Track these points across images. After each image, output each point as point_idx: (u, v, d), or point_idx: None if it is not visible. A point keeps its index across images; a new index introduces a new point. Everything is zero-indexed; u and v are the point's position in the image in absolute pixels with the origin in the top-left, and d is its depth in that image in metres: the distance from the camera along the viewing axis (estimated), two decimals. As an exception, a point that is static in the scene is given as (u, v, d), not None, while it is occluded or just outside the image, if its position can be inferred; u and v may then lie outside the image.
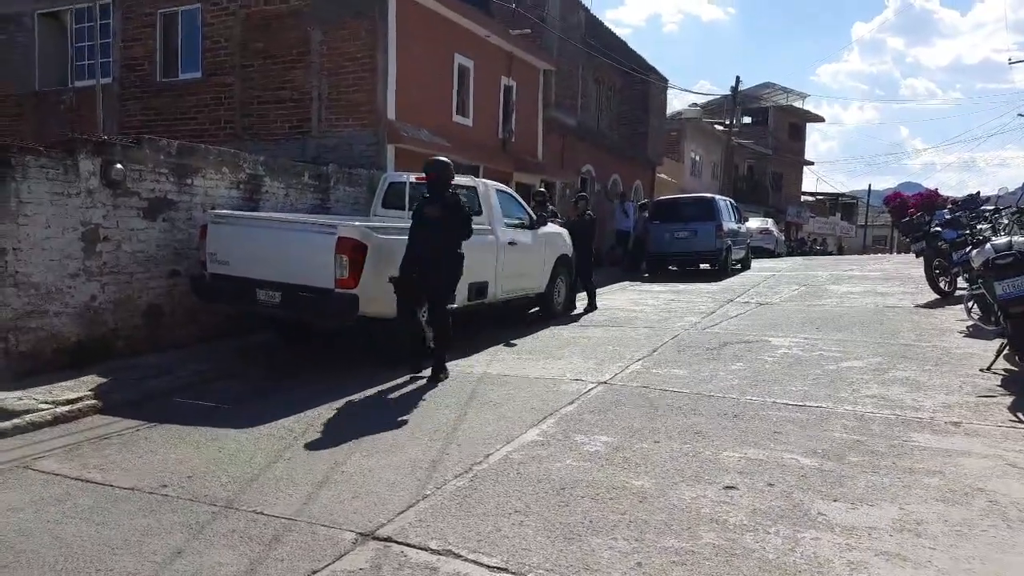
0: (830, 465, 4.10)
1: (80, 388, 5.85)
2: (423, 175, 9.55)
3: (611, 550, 3.11)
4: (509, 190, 9.84)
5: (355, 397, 5.82)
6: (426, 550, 3.14)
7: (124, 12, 12.76)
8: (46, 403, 5.44)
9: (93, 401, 5.62)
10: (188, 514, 3.61)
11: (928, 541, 3.15)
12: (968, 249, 6.86)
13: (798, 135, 46.07)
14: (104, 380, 6.08)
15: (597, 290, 11.15)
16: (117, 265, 6.90)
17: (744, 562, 2.99)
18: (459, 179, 9.25)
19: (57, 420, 5.26)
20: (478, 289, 8.18)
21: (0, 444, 4.77)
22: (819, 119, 48.52)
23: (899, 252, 34.53)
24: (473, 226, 8.37)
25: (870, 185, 58.39)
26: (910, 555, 3.03)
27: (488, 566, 2.99)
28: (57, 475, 4.21)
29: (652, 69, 23.90)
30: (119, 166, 6.79)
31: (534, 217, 9.59)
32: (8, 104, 13.80)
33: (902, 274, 14.75)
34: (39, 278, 6.25)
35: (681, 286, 13.93)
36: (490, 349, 7.74)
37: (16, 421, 5.08)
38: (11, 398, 5.51)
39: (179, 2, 12.38)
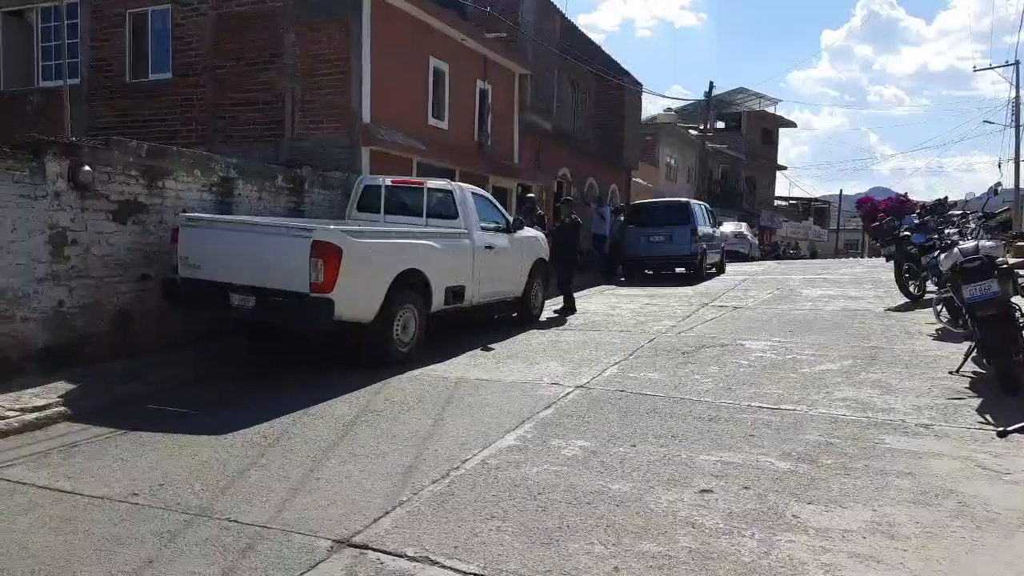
0: (804, 468, 4.14)
1: (48, 395, 5.72)
2: (400, 179, 9.57)
3: (588, 555, 3.11)
4: (485, 194, 9.84)
5: (330, 402, 5.76)
6: (403, 557, 3.11)
7: (92, 11, 12.53)
8: (13, 411, 5.31)
9: (62, 408, 5.50)
10: (160, 523, 3.54)
11: (900, 543, 3.19)
12: (937, 253, 6.99)
13: (770, 140, 46.73)
14: (73, 387, 5.95)
15: (575, 294, 11.17)
16: (86, 269, 6.76)
17: (720, 565, 3.01)
18: (435, 182, 9.29)
19: (25, 428, 5.13)
20: (455, 293, 8.16)
21: (-37, 453, 4.64)
22: (791, 124, 49.31)
23: (870, 256, 35.11)
24: (449, 229, 8.42)
25: (841, 190, 59.36)
26: (883, 557, 3.07)
27: (465, 572, 2.97)
28: (24, 484, 4.11)
29: (626, 74, 24.07)
30: (87, 168, 6.66)
31: (511, 221, 9.60)
32: (-28, 104, 13.47)
33: (873, 278, 15.00)
34: (4, 283, 6.10)
35: (657, 290, 14.02)
36: (467, 353, 7.71)
37: (-20, 429, 4.95)
38: (-25, 405, 5.37)
39: (149, 2, 12.19)
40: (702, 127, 32.49)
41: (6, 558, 3.19)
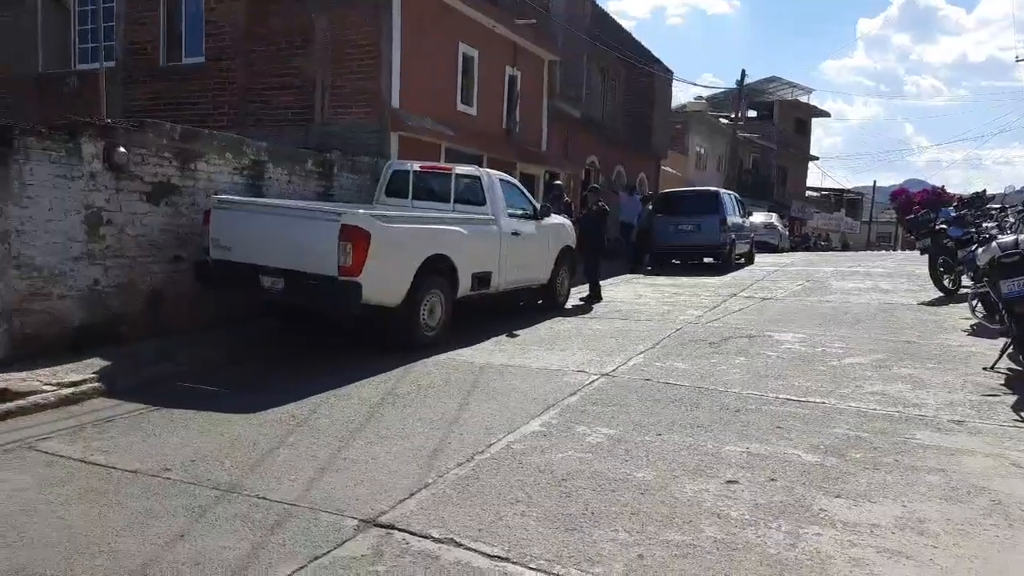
0: (832, 461, 4.10)
1: (83, 371, 5.86)
2: (428, 164, 9.59)
3: (612, 542, 3.12)
4: (513, 180, 9.82)
5: (357, 384, 5.82)
6: (428, 538, 3.14)
7: (128, -5, 12.69)
8: (50, 385, 5.45)
9: (96, 384, 5.63)
10: (191, 497, 3.61)
11: (930, 539, 3.15)
12: (974, 247, 6.83)
13: (803, 130, 45.93)
14: (107, 363, 6.08)
15: (601, 282, 11.12)
16: (120, 249, 6.88)
17: (745, 556, 2.99)
18: (463, 168, 9.29)
19: (61, 402, 5.26)
20: (481, 279, 8.17)
21: (4, 425, 4.77)
22: (825, 114, 48.36)
23: (903, 249, 34.45)
24: (476, 215, 8.42)
25: (875, 181, 58.39)
26: (912, 553, 3.03)
27: (489, 555, 3.00)
28: (61, 456, 4.22)
29: (657, 61, 23.79)
30: (122, 150, 6.77)
31: (538, 208, 9.57)
32: (11, 86, 13.74)
33: (906, 271, 14.72)
34: (42, 261, 6.24)
35: (684, 279, 13.91)
36: (493, 339, 7.73)
37: (20, 402, 5.09)
38: (15, 379, 5.51)
39: (184, -14, 12.32)
40: (733, 116, 32.05)
41: (45, 528, 3.28)
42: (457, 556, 2.99)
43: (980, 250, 6.31)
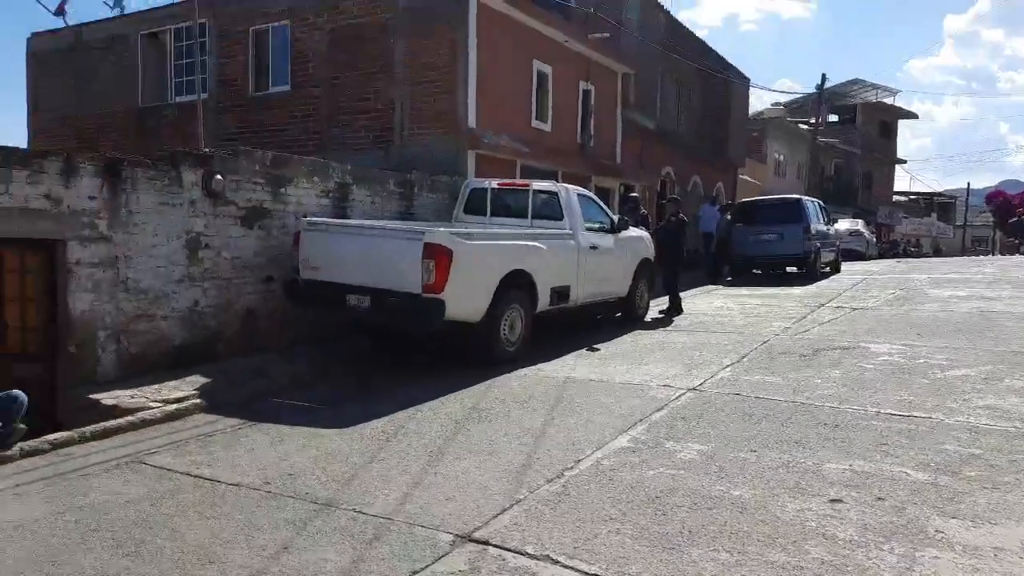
0: (944, 480, 3.87)
1: (185, 388, 6.15)
2: (506, 181, 9.68)
3: (713, 562, 3.03)
4: (590, 194, 9.79)
5: (442, 399, 5.89)
6: (523, 554, 3.13)
7: (218, 30, 13.40)
8: (156, 402, 5.75)
9: (197, 400, 5.90)
10: (291, 511, 3.72)
11: (1063, 564, 2.92)
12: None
13: (888, 133, 44.02)
14: (207, 380, 6.37)
15: (680, 294, 10.92)
16: (217, 271, 7.22)
17: (857, 579, 2.85)
18: (540, 184, 9.32)
19: (166, 418, 5.54)
20: (560, 293, 8.16)
21: (116, 440, 5.06)
22: (912, 115, 46.22)
23: (1002, 253, 32.47)
24: (554, 230, 8.43)
25: (969, 183, 55.15)
26: (1043, 579, 2.82)
27: (587, 573, 2.96)
28: (168, 470, 4.43)
29: (733, 68, 23.34)
30: (219, 177, 7.12)
31: (615, 221, 9.50)
32: (116, 120, 14.70)
33: (1009, 277, 13.86)
34: (147, 284, 6.61)
35: (767, 290, 13.50)
36: (573, 354, 7.69)
37: (130, 418, 5.39)
38: (124, 396, 5.85)
39: (269, 19, 12.91)
40: (813, 121, 31.04)
41: (159, 538, 3.44)
42: (553, 573, 2.97)
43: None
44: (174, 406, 5.71)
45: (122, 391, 5.96)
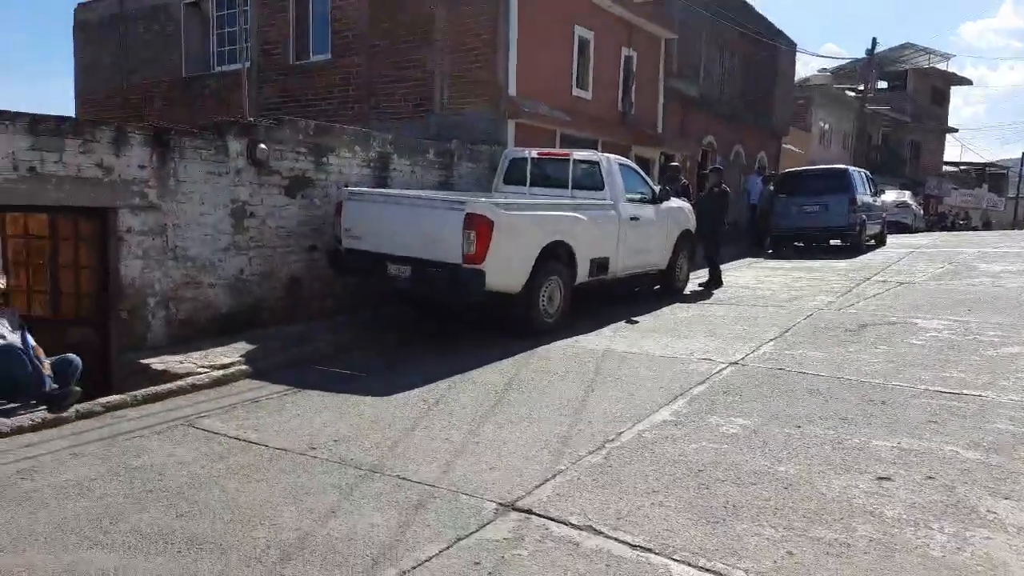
0: (996, 460, 3.78)
1: (232, 354, 6.29)
2: (546, 151, 9.60)
3: (758, 536, 3.02)
4: (632, 164, 9.65)
5: (482, 369, 5.93)
6: (567, 524, 3.16)
7: (259, -1, 13.43)
8: (203, 367, 5.90)
9: (244, 367, 6.03)
10: (337, 476, 3.81)
11: (1123, 549, 2.84)
12: None
13: (940, 100, 42.41)
14: (252, 347, 6.51)
15: (721, 267, 10.76)
16: (262, 240, 7.33)
17: (906, 558, 2.82)
18: (581, 153, 9.22)
19: (213, 383, 5.68)
20: (599, 265, 8.11)
21: (166, 403, 5.21)
22: (966, 82, 44.45)
23: (1058, 227, 31.26)
24: (595, 201, 8.35)
25: (1023, 154, 53.00)
26: (1102, 563, 2.75)
27: (631, 544, 2.98)
28: (217, 434, 4.56)
29: (780, 34, 22.63)
30: (263, 146, 7.18)
31: (656, 191, 9.36)
32: (160, 89, 14.91)
33: (1066, 252, 13.36)
34: (195, 252, 6.74)
35: (810, 263, 13.24)
36: (611, 326, 7.66)
37: (180, 383, 5.54)
38: (173, 361, 6.01)
39: (310, -14, 12.89)
40: (862, 87, 30.02)
41: (210, 499, 3.55)
42: (598, 544, 2.99)
43: None
44: (221, 371, 5.85)
45: (171, 356, 6.13)
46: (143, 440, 4.43)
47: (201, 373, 5.81)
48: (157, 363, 5.98)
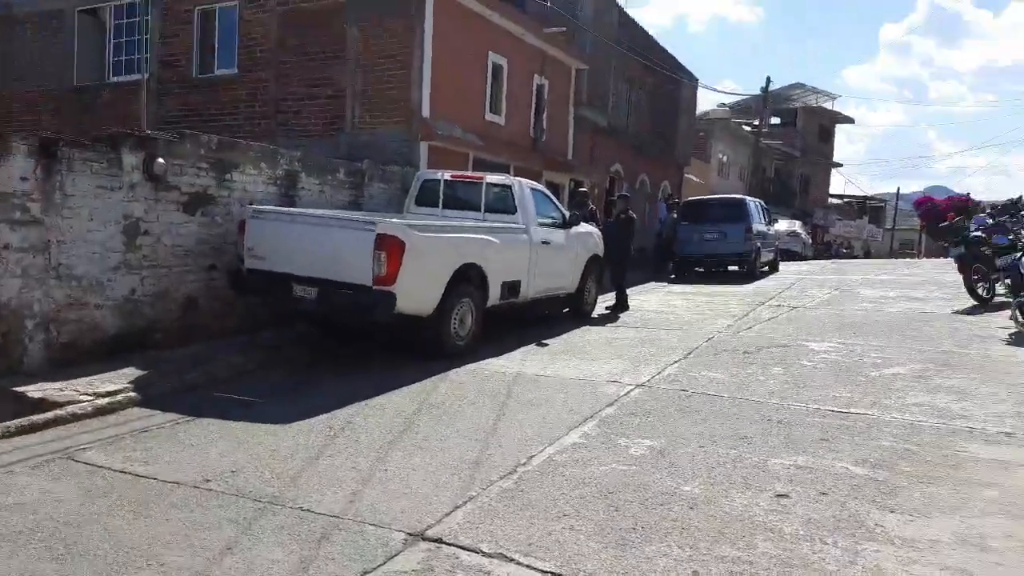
0: (882, 475, 4.00)
1: (119, 380, 5.89)
2: (459, 173, 9.60)
3: (666, 557, 3.06)
4: (543, 189, 9.80)
5: (390, 394, 5.80)
6: (478, 552, 3.10)
7: (162, 9, 12.89)
8: (87, 395, 5.48)
9: (132, 394, 5.65)
10: (235, 510, 3.60)
11: (994, 556, 3.05)
12: (1019, 255, 6.68)
13: (827, 137, 45.48)
14: (143, 372, 6.12)
15: (627, 290, 11.03)
16: (156, 259, 6.94)
17: (804, 573, 2.92)
18: (494, 177, 9.28)
19: (97, 412, 5.28)
20: (511, 287, 8.14)
21: (43, 435, 4.80)
22: (849, 120, 47.85)
23: (928, 256, 33.96)
24: (507, 224, 8.40)
25: (899, 188, 57.43)
26: (976, 571, 2.94)
27: (542, 571, 2.95)
28: (101, 467, 4.23)
29: (683, 68, 23.70)
30: (161, 161, 6.84)
31: (567, 216, 9.53)
32: (47, 99, 13.99)
33: (936, 279, 14.48)
34: (81, 270, 6.31)
35: (710, 288, 13.79)
36: (522, 348, 7.69)
37: (59, 412, 5.12)
38: (52, 389, 5.56)
39: (216, -1, 12.48)
40: (757, 123, 31.81)
41: (91, 540, 3.28)
42: (509, 571, 2.95)
43: (1025, 259, 6.17)
44: (106, 399, 5.46)
45: (50, 383, 5.67)
46: (15, 476, 4.06)
47: (84, 401, 5.39)
48: (34, 391, 5.51)
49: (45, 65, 14.01)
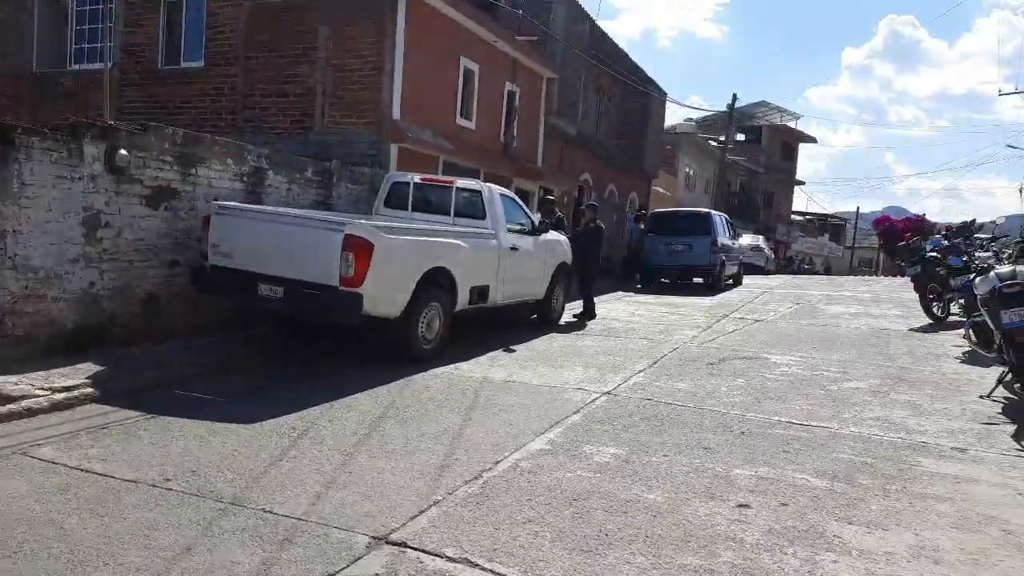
0: (841, 487, 4.09)
1: (76, 376, 5.74)
2: (429, 177, 9.57)
3: (629, 565, 3.08)
4: (513, 195, 9.82)
5: (356, 396, 5.75)
6: (442, 557, 3.09)
7: (128, -4, 12.61)
8: (43, 390, 5.33)
9: (90, 390, 5.51)
10: (195, 510, 3.53)
11: (946, 568, 3.14)
12: (972, 276, 6.91)
13: (790, 155, 46.49)
14: (101, 368, 5.97)
15: (594, 299, 11.11)
16: (117, 252, 6.78)
17: (765, 582, 2.97)
18: (464, 181, 9.28)
19: (54, 407, 5.14)
20: (479, 292, 8.14)
21: (-5, 430, 4.65)
22: (811, 139, 48.99)
23: (885, 275, 34.89)
24: (476, 229, 8.40)
25: (858, 208, 59.04)
26: (930, 581, 3.02)
27: (507, 576, 2.95)
28: (56, 464, 4.11)
29: (652, 82, 24.01)
30: (124, 152, 6.68)
31: (536, 223, 9.57)
32: (5, 85, 13.57)
33: (892, 297, 14.89)
34: (39, 262, 6.13)
35: (675, 299, 13.97)
36: (489, 354, 7.69)
37: (12, 407, 4.96)
38: (7, 383, 5.39)
39: (185, -11, 12.25)
40: (723, 139, 32.36)
41: (46, 539, 3.18)
42: (473, 576, 2.94)
43: (978, 280, 6.37)
44: (63, 395, 5.31)
45: (5, 377, 5.48)
46: (-36, 472, 3.92)
47: (39, 396, 5.24)
48: (-15, 384, 5.34)
49: (3, 49, 13.60)
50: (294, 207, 8.53)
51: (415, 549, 3.15)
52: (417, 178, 9.28)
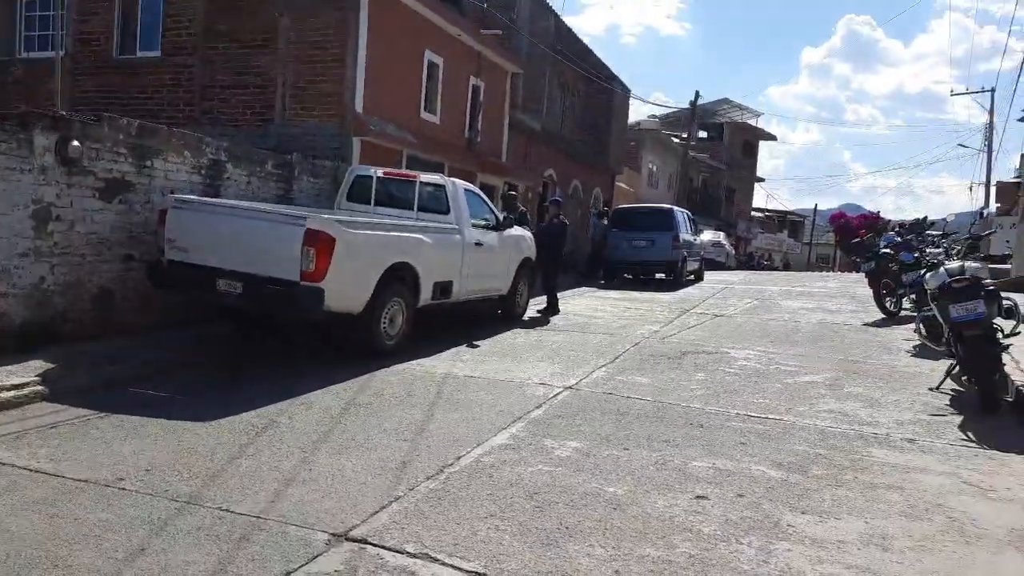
0: (795, 478, 4.18)
1: (25, 373, 5.58)
2: (392, 171, 9.50)
3: (589, 557, 3.11)
4: (477, 190, 9.81)
5: (317, 392, 5.69)
6: (402, 553, 3.08)
7: (81, -17, 12.25)
8: (-11, 388, 5.16)
9: (40, 387, 5.36)
10: (149, 509, 3.46)
11: (895, 556, 3.24)
12: (923, 272, 7.11)
13: (751, 152, 47.25)
14: (51, 366, 5.81)
15: (558, 294, 11.16)
16: (69, 246, 6.60)
17: (720, 572, 3.02)
18: (428, 176, 9.24)
19: (1, 406, 4.99)
20: (443, 288, 8.12)
21: (-62, 430, 4.50)
22: (772, 137, 49.86)
23: (841, 270, 35.71)
24: (440, 224, 8.37)
25: (816, 205, 60.28)
26: (879, 569, 3.10)
27: (467, 571, 2.95)
28: (3, 464, 3.99)
29: (616, 78, 24.16)
30: (76, 143, 6.50)
31: (500, 218, 9.57)
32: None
33: (848, 292, 15.23)
34: (-15, 256, 5.94)
35: (637, 295, 14.10)
36: (452, 349, 7.68)
37: (-44, 406, 4.81)
38: (-50, 381, 5.22)
39: (141, -24, 11.94)
40: (685, 135, 32.73)
41: (-9, 540, 3.09)
42: (433, 571, 2.94)
43: (928, 275, 6.56)
44: (11, 393, 5.16)
45: (-52, 375, 5.32)
46: (-96, 473, 3.78)
47: (-15, 394, 5.08)
48: (-72, 383, 5.16)
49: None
50: (254, 201, 8.40)
51: (375, 545, 3.14)
52: (380, 172, 9.21)
